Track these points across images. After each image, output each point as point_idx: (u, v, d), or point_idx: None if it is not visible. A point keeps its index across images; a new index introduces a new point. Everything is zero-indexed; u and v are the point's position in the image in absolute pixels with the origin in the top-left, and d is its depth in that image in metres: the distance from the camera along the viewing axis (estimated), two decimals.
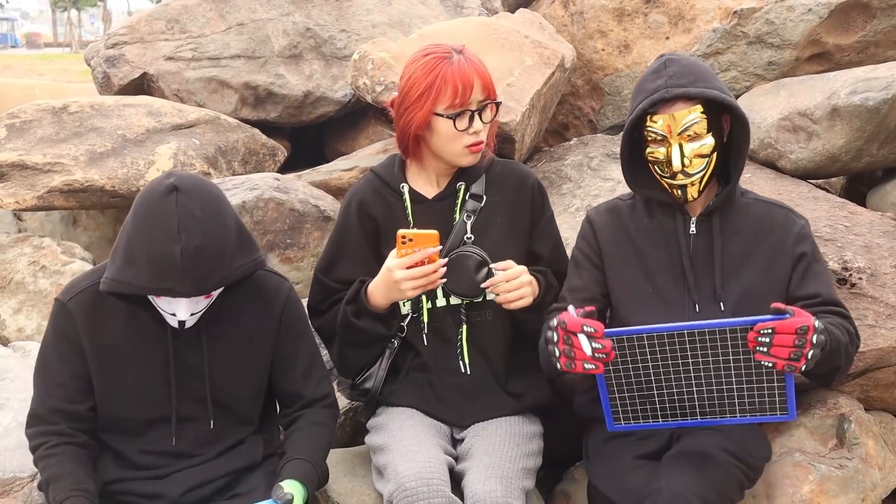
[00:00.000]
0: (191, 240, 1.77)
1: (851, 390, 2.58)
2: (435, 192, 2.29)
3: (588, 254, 2.23)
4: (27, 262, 3.42)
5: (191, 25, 4.45)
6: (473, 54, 2.19)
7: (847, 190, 3.60)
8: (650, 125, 2.04)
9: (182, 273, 1.77)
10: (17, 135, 3.64)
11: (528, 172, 2.37)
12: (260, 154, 4.02)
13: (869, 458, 2.33)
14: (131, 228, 1.82)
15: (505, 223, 2.28)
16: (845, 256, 2.51)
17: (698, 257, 2.12)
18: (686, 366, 1.92)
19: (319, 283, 2.33)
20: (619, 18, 3.99)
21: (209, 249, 1.79)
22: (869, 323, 2.40)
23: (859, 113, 2.93)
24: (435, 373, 2.29)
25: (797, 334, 1.76)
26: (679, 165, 2.02)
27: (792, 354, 1.78)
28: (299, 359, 2.17)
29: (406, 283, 2.07)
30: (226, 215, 1.87)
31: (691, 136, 2.02)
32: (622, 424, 2.04)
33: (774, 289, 2.09)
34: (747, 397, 1.94)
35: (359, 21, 4.53)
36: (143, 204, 1.82)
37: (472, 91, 2.12)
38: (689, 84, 2.00)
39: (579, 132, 4.19)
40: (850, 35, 3.58)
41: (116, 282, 1.83)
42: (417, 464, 2.03)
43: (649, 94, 2.03)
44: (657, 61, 2.08)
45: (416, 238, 2.04)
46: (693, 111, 2.01)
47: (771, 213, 2.16)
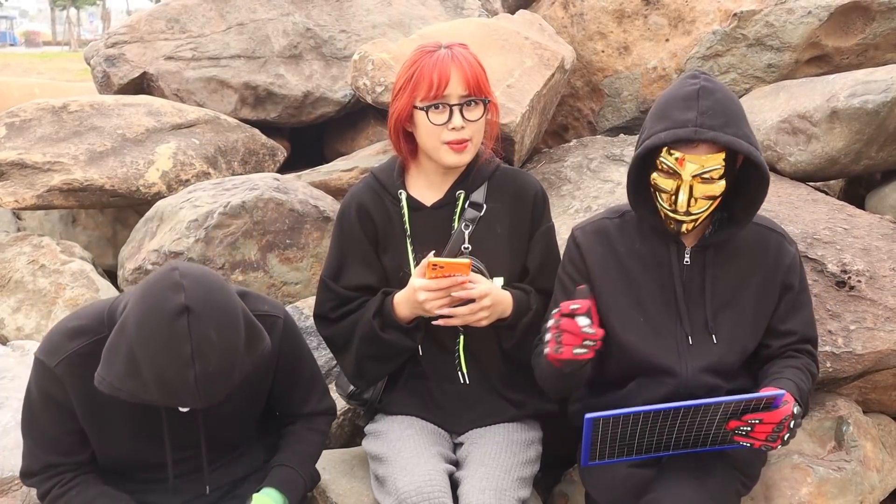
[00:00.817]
0: (206, 366, 1.66)
1: (850, 392, 2.59)
2: (434, 198, 2.23)
3: (576, 278, 2.11)
4: (26, 261, 3.42)
5: (191, 25, 4.44)
6: (465, 51, 2.13)
7: (846, 192, 3.60)
8: (664, 157, 1.91)
9: (193, 395, 1.68)
10: (17, 133, 3.64)
11: (531, 182, 2.30)
12: (259, 154, 4.02)
13: (867, 460, 2.34)
14: (136, 341, 1.68)
15: (504, 233, 2.23)
16: (844, 259, 2.52)
17: (691, 287, 2.05)
18: (671, 427, 1.86)
19: (329, 291, 2.26)
20: (618, 20, 3.99)
21: (223, 372, 1.70)
22: (868, 326, 2.41)
23: (858, 116, 2.93)
24: (433, 381, 2.27)
25: (780, 424, 1.79)
26: (684, 205, 1.91)
27: (769, 437, 1.81)
28: (298, 385, 2.13)
29: (430, 303, 2.04)
30: (237, 323, 1.74)
31: (704, 180, 1.90)
32: (597, 461, 1.96)
33: (763, 318, 2.05)
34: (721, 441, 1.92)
35: (359, 21, 4.52)
36: (151, 320, 1.67)
37: (449, 84, 2.06)
38: (720, 127, 1.84)
39: (579, 133, 4.19)
40: (849, 38, 3.58)
41: (117, 389, 1.72)
42: (417, 477, 2.01)
43: (675, 125, 1.86)
44: (691, 83, 1.91)
45: (447, 266, 1.99)
46: (717, 160, 1.88)
47: (765, 238, 2.07)
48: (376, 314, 2.15)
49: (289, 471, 2.04)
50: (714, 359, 2.03)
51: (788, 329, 2.04)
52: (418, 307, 2.07)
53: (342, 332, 2.24)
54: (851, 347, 2.39)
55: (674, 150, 1.89)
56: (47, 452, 1.93)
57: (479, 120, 2.12)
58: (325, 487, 2.28)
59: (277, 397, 2.12)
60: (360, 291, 2.23)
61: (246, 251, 3.07)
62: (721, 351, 2.03)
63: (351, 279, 2.23)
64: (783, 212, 2.76)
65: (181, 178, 3.65)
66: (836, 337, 2.40)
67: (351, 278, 2.23)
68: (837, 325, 2.42)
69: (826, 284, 2.48)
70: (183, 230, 3.03)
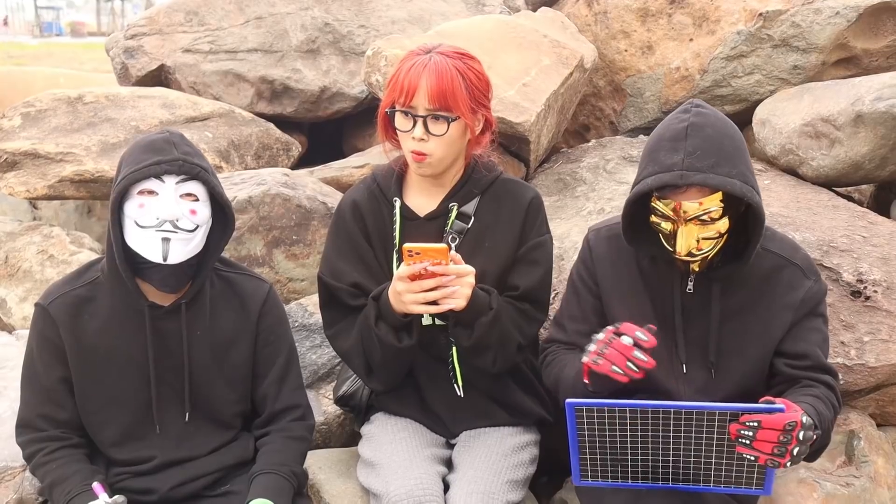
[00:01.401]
0: (175, 134, 1.93)
1: (866, 405, 2.50)
2: (428, 208, 2.18)
3: (587, 282, 2.08)
4: (36, 251, 3.43)
5: (209, 18, 4.44)
6: (451, 61, 2.01)
7: (875, 198, 3.51)
8: (655, 203, 1.81)
9: (170, 145, 1.89)
10: (32, 123, 3.65)
11: (524, 193, 2.19)
12: (273, 149, 3.99)
13: (878, 476, 2.26)
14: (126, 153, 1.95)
15: (494, 247, 2.16)
16: (861, 268, 2.43)
17: (692, 316, 1.95)
18: (665, 436, 1.79)
19: (328, 289, 2.21)
20: (642, 19, 3.92)
21: (190, 143, 1.95)
22: (882, 338, 2.32)
23: (884, 120, 2.84)
24: (426, 386, 2.24)
25: (784, 430, 1.62)
26: (684, 249, 1.81)
27: (776, 450, 1.64)
28: (274, 365, 2.14)
29: (406, 295, 1.96)
30: None
31: (704, 222, 1.79)
32: (588, 481, 1.90)
33: (766, 352, 1.94)
34: (725, 469, 1.82)
35: (378, 17, 4.49)
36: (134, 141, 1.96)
37: (415, 95, 1.98)
38: (710, 168, 1.72)
39: (600, 133, 4.13)
40: (878, 39, 3.48)
41: (115, 186, 1.89)
42: (409, 481, 1.99)
43: (661, 169, 1.76)
44: (681, 119, 1.80)
45: (423, 252, 1.93)
46: (712, 202, 1.76)
47: (779, 269, 1.93)
48: (375, 298, 2.09)
49: (272, 476, 2.02)
50: (709, 388, 1.96)
51: (798, 351, 1.91)
52: (398, 300, 1.99)
53: (346, 327, 2.20)
54: (864, 360, 2.30)
55: (663, 196, 1.79)
56: (41, 402, 2.01)
57: (445, 136, 2.02)
58: (319, 488, 2.26)
59: (256, 375, 2.13)
60: (355, 288, 2.18)
61: (252, 246, 3.04)
62: (714, 381, 1.96)
63: (350, 276, 2.18)
64: (801, 218, 2.68)
65: None
66: (848, 348, 2.32)
67: (350, 275, 2.19)
68: (851, 336, 2.34)
69: (840, 294, 2.40)
70: None
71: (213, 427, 2.10)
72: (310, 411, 2.21)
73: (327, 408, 2.68)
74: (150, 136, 1.93)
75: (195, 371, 2.04)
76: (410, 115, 2.01)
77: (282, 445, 2.09)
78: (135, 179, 1.86)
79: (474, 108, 2.04)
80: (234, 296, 2.10)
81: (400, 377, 2.20)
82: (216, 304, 2.07)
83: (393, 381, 2.20)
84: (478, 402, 2.22)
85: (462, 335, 2.08)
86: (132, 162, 1.89)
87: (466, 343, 2.08)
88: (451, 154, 2.08)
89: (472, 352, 2.10)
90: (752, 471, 1.80)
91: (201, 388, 2.06)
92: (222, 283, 2.11)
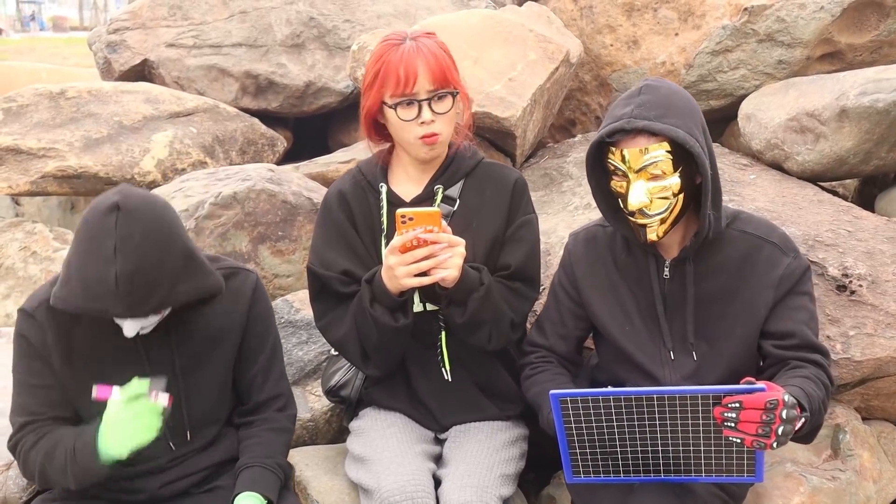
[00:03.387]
0: (126, 264, 1.68)
1: (851, 399, 2.52)
2: (414, 193, 2.19)
3: (566, 288, 2.13)
4: (18, 248, 3.40)
5: (193, 12, 4.40)
6: (432, 42, 2.08)
7: (860, 193, 3.53)
8: (609, 158, 1.88)
9: (116, 297, 1.69)
10: (14, 119, 3.62)
11: (509, 174, 2.23)
12: (259, 144, 3.97)
13: (863, 470, 2.27)
14: (73, 244, 1.76)
15: (480, 228, 2.17)
16: (846, 262, 2.44)
17: (673, 302, 1.99)
18: (651, 425, 1.79)
19: (318, 279, 2.21)
20: (628, 13, 3.92)
21: (145, 274, 1.71)
22: (868, 332, 2.33)
23: (869, 115, 2.85)
24: (415, 376, 2.24)
25: (765, 409, 1.63)
26: (636, 204, 1.85)
27: (760, 430, 1.65)
28: (261, 354, 2.12)
29: (399, 268, 1.95)
30: (172, 239, 1.77)
31: (654, 174, 1.84)
32: (581, 477, 1.90)
33: (751, 334, 1.96)
34: (714, 457, 1.82)
35: (363, 11, 4.46)
36: (85, 220, 1.75)
37: (417, 80, 2.01)
38: (656, 118, 1.81)
39: (586, 128, 4.14)
40: (863, 34, 3.49)
41: (56, 298, 1.77)
42: (401, 477, 1.99)
43: (613, 120, 1.85)
44: (635, 87, 1.92)
45: (417, 217, 1.91)
46: (656, 149, 1.82)
47: (756, 249, 1.97)
48: (368, 281, 2.09)
49: (258, 469, 2.01)
50: (696, 373, 1.97)
51: (784, 330, 1.92)
52: (391, 276, 1.99)
53: (338, 315, 2.19)
54: (850, 354, 2.31)
55: (614, 148, 1.86)
56: (28, 403, 1.96)
57: (449, 112, 2.08)
58: (306, 484, 2.25)
59: (238, 364, 2.10)
60: (346, 276, 2.17)
61: (237, 242, 3.03)
62: (702, 366, 1.98)
63: (336, 264, 2.18)
64: (786, 212, 2.69)
65: (177, 166, 3.61)
66: (834, 343, 2.33)
67: (340, 263, 2.18)
68: (836, 330, 2.35)
69: (826, 288, 2.41)
70: None
71: (204, 420, 2.07)
72: (292, 400, 2.20)
73: (314, 404, 2.67)
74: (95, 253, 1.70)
75: (185, 368, 2.00)
76: (414, 101, 2.03)
77: (266, 438, 2.08)
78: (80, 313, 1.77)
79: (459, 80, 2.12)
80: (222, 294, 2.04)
81: (396, 360, 2.20)
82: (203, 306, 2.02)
83: (389, 365, 2.20)
84: (467, 391, 2.23)
85: (455, 313, 2.08)
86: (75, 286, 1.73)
87: (460, 320, 2.08)
88: (451, 130, 2.13)
89: (467, 329, 2.10)
90: (741, 457, 1.81)
91: (191, 384, 2.02)
92: None
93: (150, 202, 1.78)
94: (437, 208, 1.97)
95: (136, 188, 1.82)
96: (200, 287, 1.82)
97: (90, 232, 1.72)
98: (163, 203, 1.82)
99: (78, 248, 1.74)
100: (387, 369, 2.21)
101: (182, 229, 1.84)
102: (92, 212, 1.74)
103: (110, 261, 1.67)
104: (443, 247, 1.95)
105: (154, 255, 1.72)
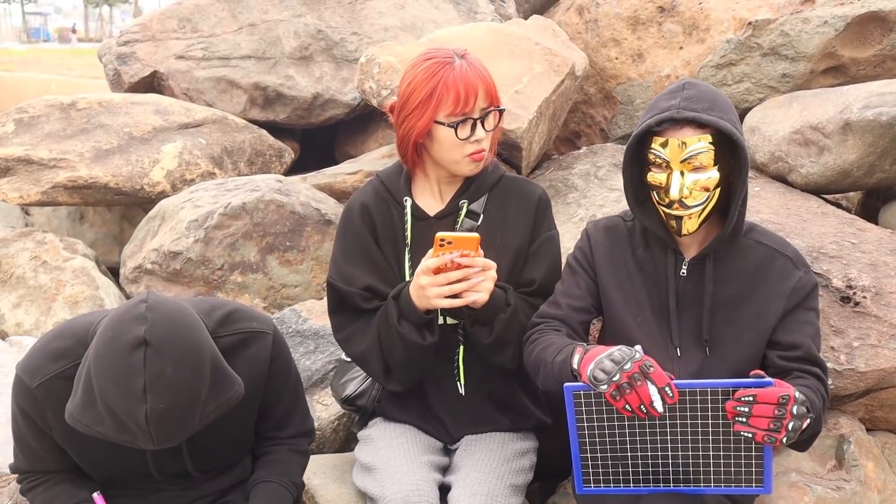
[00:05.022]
0: (158, 402, 1.57)
1: (855, 410, 2.52)
2: (438, 207, 2.19)
3: (584, 265, 2.13)
4: (29, 257, 3.42)
5: (202, 25, 4.44)
6: (476, 59, 2.08)
7: (863, 205, 3.54)
8: (653, 147, 1.90)
9: (145, 434, 1.60)
10: (25, 129, 3.65)
11: (533, 189, 2.23)
12: (266, 155, 4.00)
13: (868, 480, 2.28)
14: (93, 371, 1.62)
15: (504, 243, 2.17)
16: (850, 274, 2.45)
17: (686, 301, 2.01)
18: (662, 428, 1.82)
19: (338, 293, 2.19)
20: (633, 27, 3.95)
21: (177, 411, 1.61)
22: (872, 343, 2.34)
23: (872, 128, 2.87)
24: (429, 389, 2.24)
25: (778, 404, 1.66)
26: (677, 195, 1.89)
27: (772, 425, 1.67)
28: (282, 403, 2.06)
29: (431, 289, 1.96)
30: (201, 362, 1.65)
31: (695, 167, 1.88)
32: (591, 487, 1.91)
33: (759, 341, 1.98)
34: (723, 467, 1.84)
35: (371, 24, 4.49)
36: (109, 350, 1.60)
37: (476, 98, 2.02)
38: (704, 110, 1.86)
39: (591, 140, 4.16)
40: (866, 48, 3.51)
41: (76, 420, 1.65)
42: (405, 486, 1.99)
43: (658, 112, 1.89)
44: (676, 83, 1.95)
45: (456, 241, 1.92)
46: (701, 139, 1.86)
47: (770, 259, 2.01)
48: (395, 297, 2.08)
49: (273, 486, 2.00)
50: (700, 374, 1.99)
51: (791, 342, 1.96)
52: (422, 295, 2.00)
53: (359, 329, 2.18)
54: (854, 365, 2.32)
55: (659, 137, 1.89)
56: (29, 459, 1.93)
57: (495, 129, 2.11)
58: (313, 493, 2.26)
59: (261, 414, 2.04)
60: (368, 291, 2.17)
61: (245, 252, 3.05)
62: (706, 367, 1.99)
63: (358, 280, 2.17)
64: (791, 224, 2.71)
65: (186, 177, 3.64)
66: (838, 354, 2.34)
67: (361, 279, 2.17)
68: (841, 341, 2.36)
69: (830, 300, 2.42)
70: (183, 230, 3.02)
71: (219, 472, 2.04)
72: (314, 429, 2.17)
73: (321, 413, 2.68)
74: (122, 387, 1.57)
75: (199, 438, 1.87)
76: (469, 119, 2.04)
77: (285, 457, 2.06)
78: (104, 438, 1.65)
79: None
80: (238, 361, 1.91)
81: (418, 376, 2.19)
82: None
83: (412, 381, 2.19)
84: (480, 404, 2.23)
85: (481, 333, 2.09)
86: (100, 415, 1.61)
87: (486, 340, 2.09)
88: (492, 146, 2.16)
89: (492, 349, 2.11)
90: (749, 468, 1.83)
91: (205, 449, 1.95)
92: (223, 351, 1.84)
93: (176, 327, 1.64)
94: (476, 234, 1.96)
95: (160, 298, 1.68)
96: (227, 399, 1.73)
97: (115, 365, 1.58)
98: (189, 319, 1.68)
99: (101, 377, 1.60)
100: (409, 385, 2.20)
101: (208, 338, 1.71)
102: (116, 340, 1.60)
103: (140, 398, 1.56)
104: (476, 271, 1.96)
105: (186, 389, 1.61)
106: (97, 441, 1.76)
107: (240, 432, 2.01)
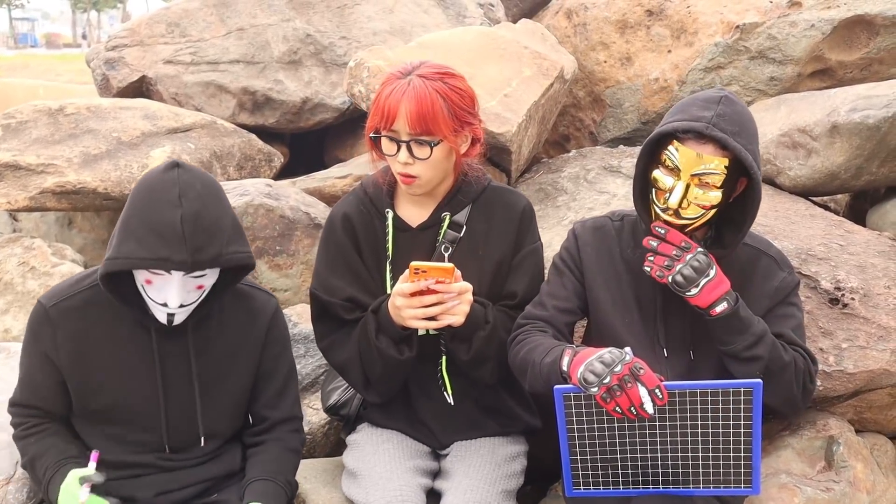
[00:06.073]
0: (191, 206, 1.76)
1: (844, 412, 2.53)
2: (420, 219, 2.17)
3: (570, 265, 2.13)
4: (17, 263, 3.41)
5: (191, 29, 4.43)
6: (430, 84, 1.99)
7: (851, 207, 3.56)
8: (669, 149, 1.88)
9: (180, 239, 1.75)
10: (13, 135, 3.63)
11: (517, 200, 2.21)
12: (256, 160, 3.99)
13: (857, 481, 2.28)
14: (130, 206, 1.81)
15: (487, 255, 2.16)
16: (838, 276, 2.46)
17: (673, 302, 2.00)
18: (651, 430, 1.83)
19: (320, 303, 2.20)
20: (621, 31, 3.96)
21: (209, 217, 1.79)
22: (860, 344, 2.35)
23: (859, 131, 2.88)
24: (416, 397, 2.23)
25: (679, 247, 1.86)
26: (675, 204, 1.88)
27: (666, 262, 1.87)
28: (277, 377, 2.12)
29: (406, 311, 1.97)
30: (224, 200, 1.87)
31: (703, 183, 1.86)
32: (581, 490, 1.92)
33: None
34: (712, 468, 1.86)
35: (360, 28, 4.49)
36: (144, 182, 1.82)
37: (395, 120, 1.97)
38: (732, 134, 1.83)
39: (580, 144, 4.17)
40: (853, 52, 3.54)
41: (113, 259, 1.79)
42: (389, 492, 1.99)
43: (690, 118, 1.86)
44: (716, 91, 1.91)
45: (430, 271, 1.93)
46: (718, 161, 1.84)
47: (755, 259, 2.04)
48: (375, 311, 2.09)
49: (268, 483, 2.01)
50: (688, 374, 2.00)
51: (774, 332, 1.97)
52: (397, 314, 2.01)
53: (340, 339, 2.19)
54: (843, 366, 2.33)
55: (679, 144, 1.87)
56: (31, 395, 2.01)
57: (429, 159, 2.01)
58: (304, 497, 2.26)
59: (255, 389, 2.11)
60: (349, 302, 2.17)
61: None
62: (694, 368, 2.01)
63: (340, 291, 2.17)
64: (779, 226, 2.72)
65: None
66: (827, 355, 2.35)
67: (343, 290, 2.17)
68: (829, 343, 2.37)
69: (819, 301, 2.43)
70: None
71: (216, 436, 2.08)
72: (302, 426, 2.20)
73: (312, 417, 2.68)
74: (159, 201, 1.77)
75: (203, 392, 2.01)
76: (394, 139, 2.01)
77: (277, 455, 2.08)
78: (140, 267, 1.80)
79: (457, 128, 2.03)
80: (243, 308, 2.06)
81: (398, 388, 2.20)
82: (224, 316, 2.04)
83: (390, 393, 2.20)
84: (469, 412, 2.23)
85: (460, 350, 2.09)
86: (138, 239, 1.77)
87: (465, 357, 2.09)
88: (438, 174, 2.08)
89: (471, 365, 2.11)
90: (738, 468, 1.85)
91: (211, 407, 2.03)
92: (231, 294, 2.04)
93: (202, 171, 1.89)
94: (451, 265, 1.95)
95: None
96: (245, 253, 1.89)
97: (151, 186, 1.80)
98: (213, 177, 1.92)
99: (137, 204, 1.80)
100: (388, 396, 2.20)
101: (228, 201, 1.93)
102: (150, 173, 1.84)
103: (175, 205, 1.76)
104: (451, 296, 1.97)
105: (214, 203, 1.82)
106: (106, 368, 1.94)
107: (240, 396, 2.09)
